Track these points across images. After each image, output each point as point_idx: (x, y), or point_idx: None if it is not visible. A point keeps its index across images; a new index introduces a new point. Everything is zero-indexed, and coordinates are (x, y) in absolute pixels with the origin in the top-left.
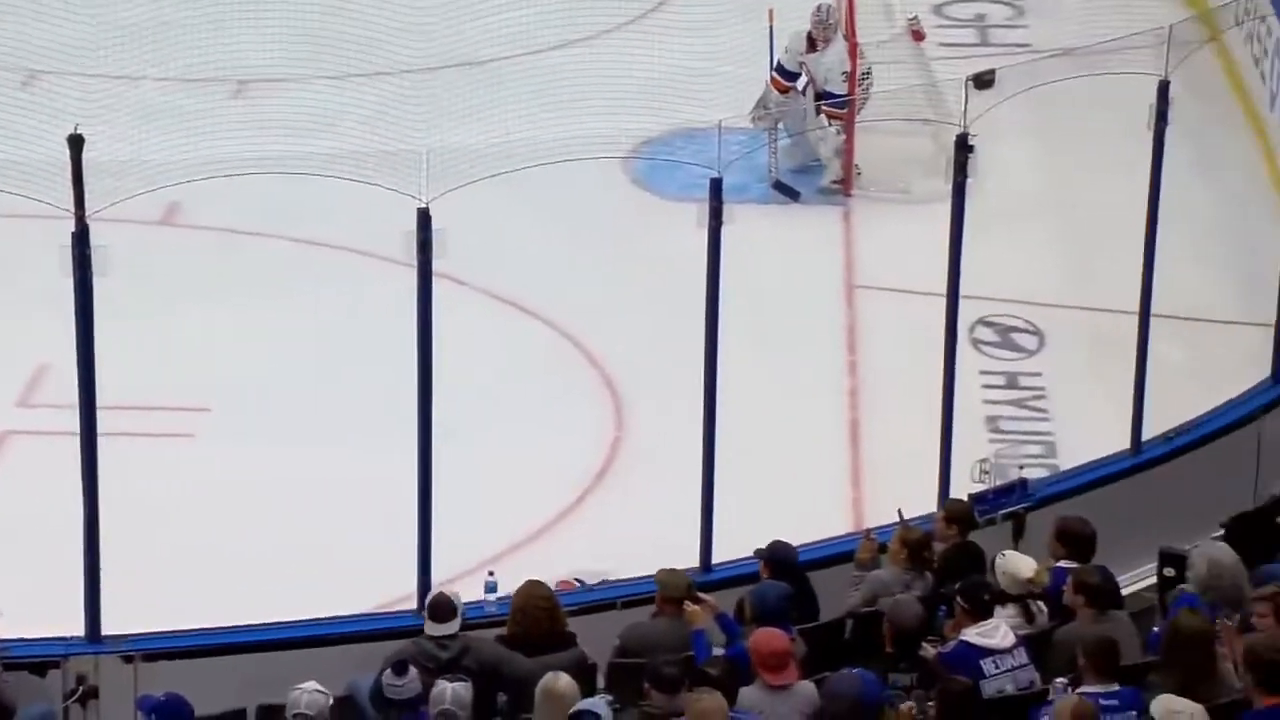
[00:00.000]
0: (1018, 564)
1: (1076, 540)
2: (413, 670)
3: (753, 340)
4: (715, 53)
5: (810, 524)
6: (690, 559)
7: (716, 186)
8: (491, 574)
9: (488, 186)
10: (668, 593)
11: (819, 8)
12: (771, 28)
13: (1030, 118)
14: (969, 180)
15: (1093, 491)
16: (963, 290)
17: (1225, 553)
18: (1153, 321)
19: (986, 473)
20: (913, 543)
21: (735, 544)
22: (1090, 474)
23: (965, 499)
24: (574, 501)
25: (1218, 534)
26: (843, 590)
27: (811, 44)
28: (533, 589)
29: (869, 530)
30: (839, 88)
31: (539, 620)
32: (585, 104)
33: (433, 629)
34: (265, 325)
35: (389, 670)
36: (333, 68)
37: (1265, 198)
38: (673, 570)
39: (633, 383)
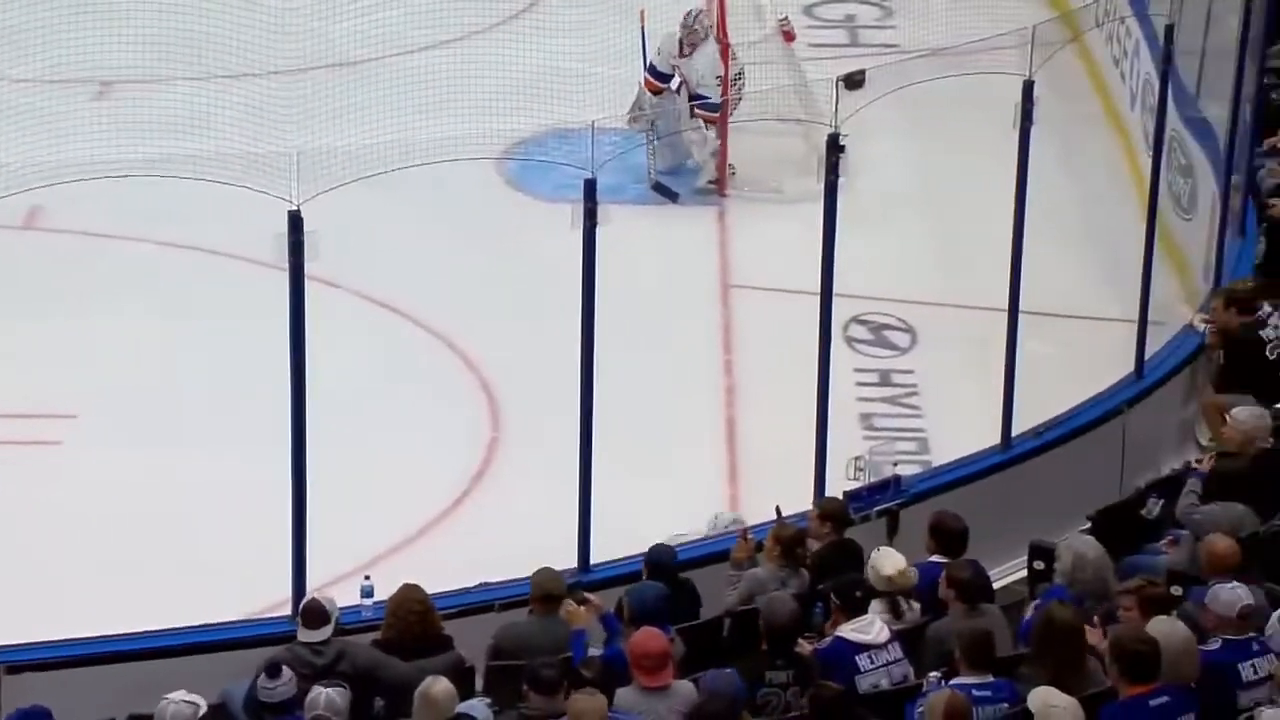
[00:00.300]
0: (883, 561)
1: (948, 536)
2: (287, 672)
3: (629, 340)
4: (588, 53)
5: (689, 522)
6: (569, 559)
7: (590, 187)
8: (368, 578)
9: (360, 188)
10: (541, 591)
11: (689, 12)
12: (644, 29)
13: (900, 117)
14: (841, 180)
15: (964, 487)
16: (836, 289)
17: (1090, 546)
18: (1021, 318)
19: (861, 470)
20: (786, 540)
21: (614, 544)
22: (962, 470)
23: (840, 496)
24: (451, 504)
25: (1085, 527)
26: (721, 589)
27: (683, 47)
28: (407, 593)
29: (746, 529)
30: (712, 90)
31: (412, 624)
32: (458, 104)
33: (306, 635)
34: (133, 329)
35: (263, 674)
36: (199, 68)
37: (1127, 195)
38: (548, 569)
39: (509, 384)
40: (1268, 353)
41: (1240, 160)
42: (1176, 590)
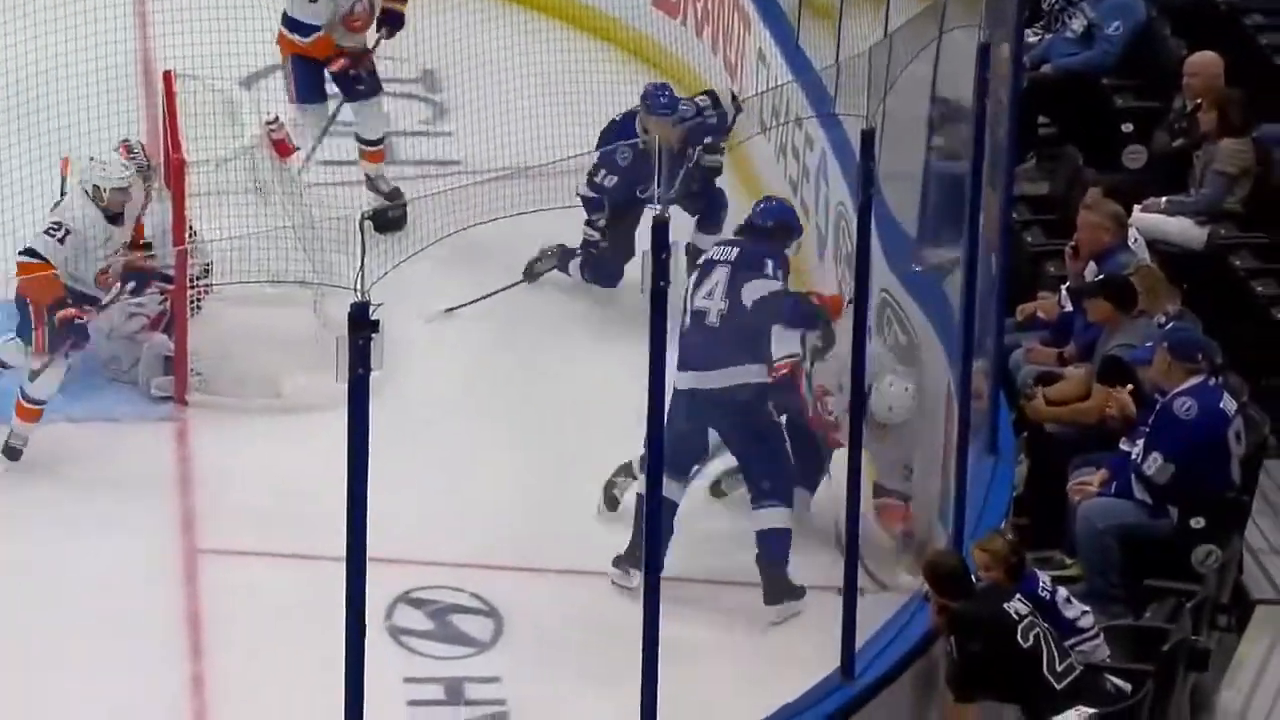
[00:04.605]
0: None
1: None
2: None
3: (52, 637)
4: None
5: None
6: None
7: None
8: None
9: None
10: None
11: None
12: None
13: (462, 270)
14: (373, 373)
15: None
16: (372, 549)
17: None
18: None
19: None
20: None
21: None
22: None
23: None
24: None
25: None
26: None
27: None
28: None
29: None
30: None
31: None
32: None
33: None
34: None
35: None
36: None
37: None
38: None
39: None
40: (1020, 637)
41: (985, 337)
42: None
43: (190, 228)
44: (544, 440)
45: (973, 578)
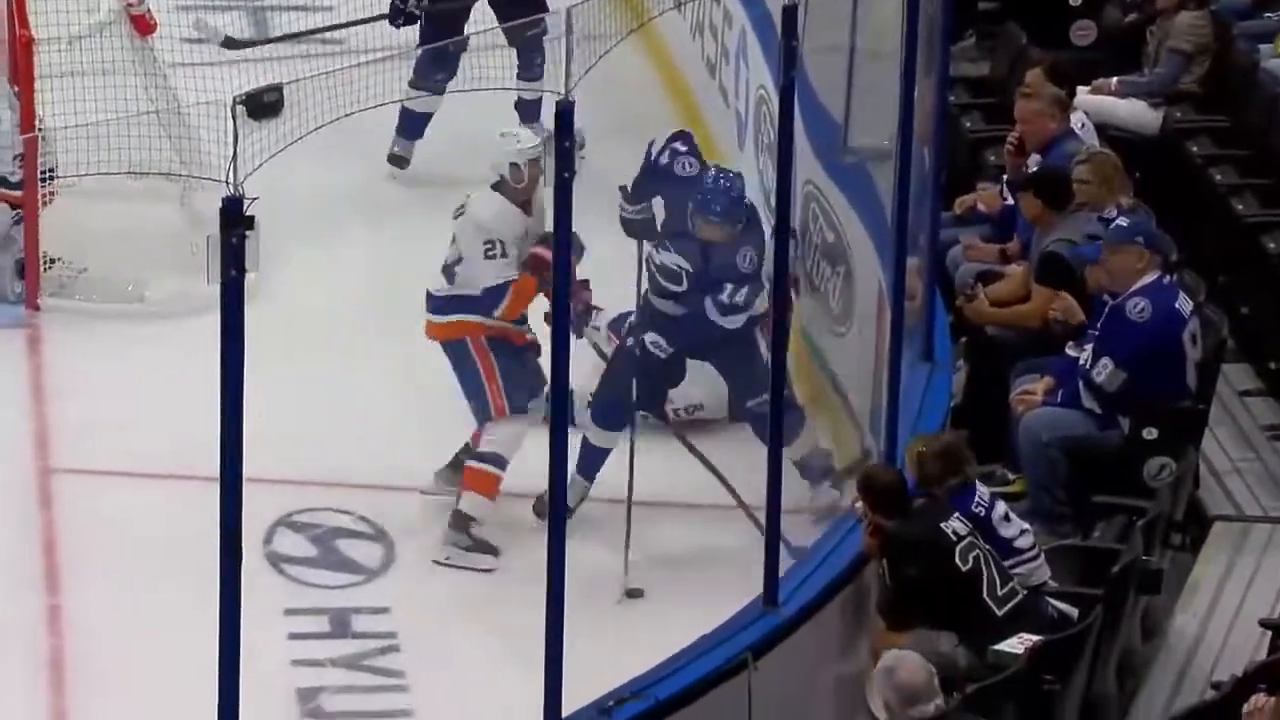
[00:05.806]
0: None
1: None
2: None
3: None
4: None
5: None
6: None
7: None
8: None
9: None
10: None
11: None
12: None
13: (349, 162)
14: (249, 275)
15: None
16: (250, 469)
17: None
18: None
19: None
20: None
21: None
22: None
23: None
24: None
25: None
26: None
27: None
28: None
29: None
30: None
31: None
32: None
33: None
34: None
35: None
36: None
37: None
38: None
39: None
40: (958, 560)
41: (919, 232)
42: None
43: (38, 115)
44: (436, 350)
45: (910, 495)
